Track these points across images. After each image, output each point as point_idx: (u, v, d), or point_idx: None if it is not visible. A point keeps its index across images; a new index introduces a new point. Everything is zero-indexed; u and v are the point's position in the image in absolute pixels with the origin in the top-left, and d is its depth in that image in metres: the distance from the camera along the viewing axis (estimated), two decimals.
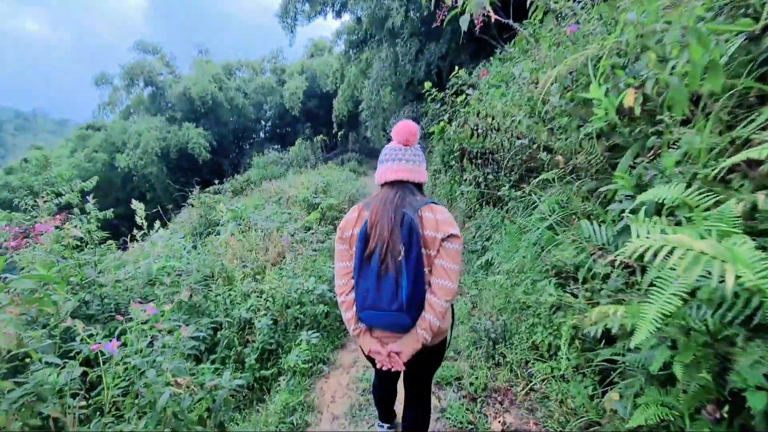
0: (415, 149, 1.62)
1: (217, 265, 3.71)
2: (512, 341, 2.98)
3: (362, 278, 1.47)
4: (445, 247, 1.44)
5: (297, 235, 5.41)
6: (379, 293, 1.42)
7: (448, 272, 1.43)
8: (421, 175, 1.59)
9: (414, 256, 1.40)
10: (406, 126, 1.60)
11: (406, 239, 1.41)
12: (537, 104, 2.98)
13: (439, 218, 1.46)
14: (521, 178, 4.20)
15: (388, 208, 1.48)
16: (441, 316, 1.44)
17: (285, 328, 3.20)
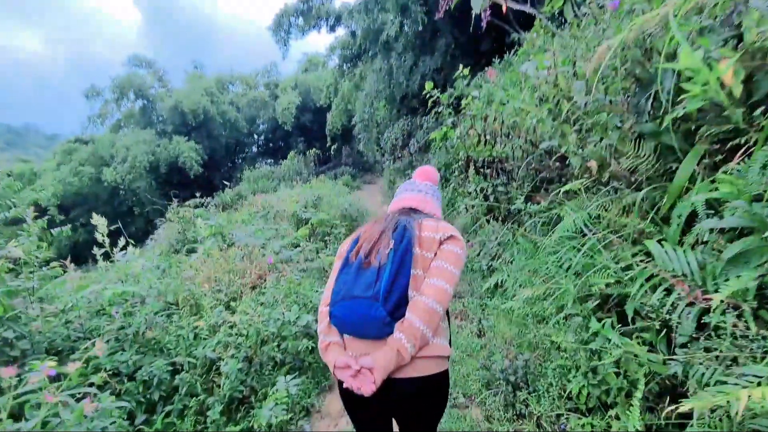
0: (431, 185, 1.62)
1: (184, 291, 3.16)
2: (536, 386, 2.45)
3: (343, 274, 1.34)
4: (443, 249, 1.30)
5: (283, 254, 4.87)
6: (356, 282, 1.26)
7: (443, 272, 1.26)
8: (433, 208, 1.55)
9: (402, 250, 1.27)
10: (426, 167, 1.68)
11: (398, 237, 1.31)
12: (561, 102, 2.52)
13: (441, 224, 1.37)
14: (535, 189, 3.74)
15: (385, 219, 1.46)
16: (427, 319, 1.19)
17: (260, 369, 2.64)
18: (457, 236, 1.32)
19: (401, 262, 1.24)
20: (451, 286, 1.23)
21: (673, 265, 1.37)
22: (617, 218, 2.12)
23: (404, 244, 1.27)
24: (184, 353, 2.60)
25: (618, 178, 2.22)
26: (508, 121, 3.42)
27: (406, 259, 1.24)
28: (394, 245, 1.27)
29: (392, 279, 1.20)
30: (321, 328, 1.36)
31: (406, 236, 1.29)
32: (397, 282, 1.21)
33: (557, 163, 3.39)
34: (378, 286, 1.20)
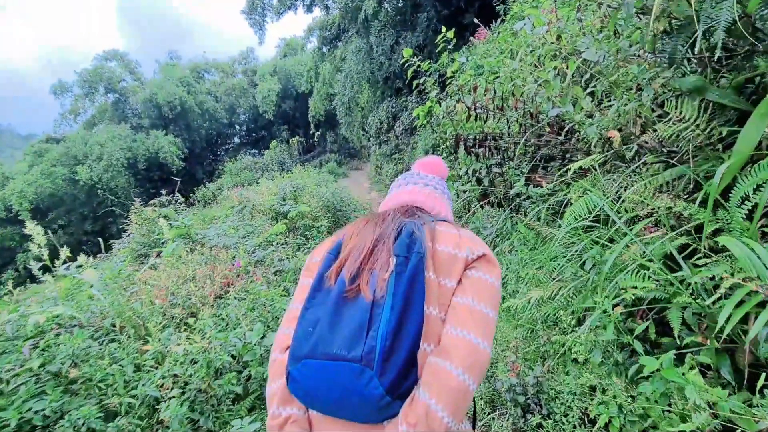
0: (440, 180, 1.18)
1: (128, 310, 2.66)
2: (552, 408, 2.03)
3: (312, 307, 0.80)
4: (471, 276, 0.81)
5: (257, 254, 4.37)
6: (334, 327, 0.73)
7: (475, 318, 0.75)
8: (444, 208, 1.10)
9: (410, 274, 0.74)
10: (431, 158, 1.24)
11: (402, 249, 0.79)
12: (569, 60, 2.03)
13: (463, 234, 0.88)
14: (534, 170, 3.27)
15: (379, 220, 0.92)
16: (453, 405, 0.67)
17: (217, 405, 2.18)
18: (490, 255, 0.84)
19: (409, 294, 0.73)
20: (488, 342, 0.74)
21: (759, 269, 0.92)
22: (649, 201, 1.66)
23: (413, 264, 0.76)
24: (123, 392, 2.12)
25: (648, 150, 1.75)
26: (502, 91, 2.92)
27: (416, 289, 0.74)
28: (396, 265, 0.76)
29: (396, 326, 0.70)
30: (272, 390, 0.82)
31: (415, 250, 0.78)
32: (403, 332, 0.70)
33: (559, 137, 2.92)
34: (372, 339, 0.69)
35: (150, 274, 3.43)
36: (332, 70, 16.31)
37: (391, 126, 12.33)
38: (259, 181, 13.28)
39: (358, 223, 0.94)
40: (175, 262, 3.71)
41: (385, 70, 11.83)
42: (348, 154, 22.69)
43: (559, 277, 2.27)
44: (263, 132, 27.71)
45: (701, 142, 1.44)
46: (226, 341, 2.26)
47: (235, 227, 5.59)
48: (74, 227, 21.77)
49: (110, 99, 23.82)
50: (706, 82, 1.50)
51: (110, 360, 2.23)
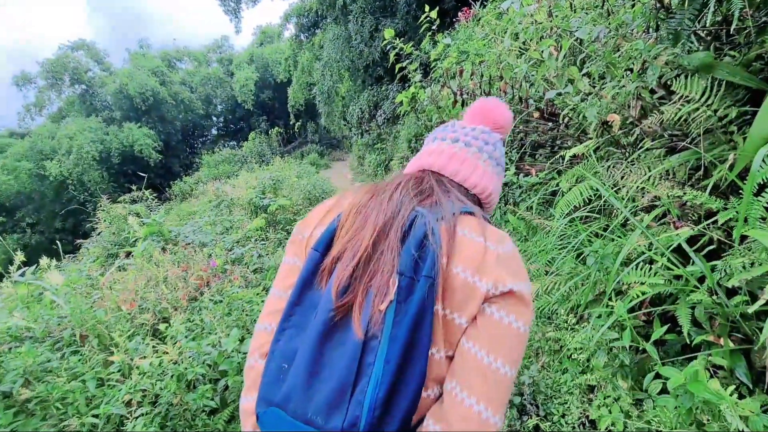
0: (488, 132, 0.80)
1: (90, 319, 2.44)
2: (549, 409, 1.93)
3: (290, 328, 0.61)
4: (490, 316, 0.57)
5: (235, 251, 4.15)
6: (313, 376, 0.54)
7: (488, 380, 0.55)
8: (475, 173, 0.75)
9: (414, 312, 0.54)
10: (488, 101, 0.83)
11: (408, 264, 0.57)
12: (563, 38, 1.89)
13: (493, 248, 0.61)
14: (522, 158, 3.15)
15: (389, 198, 0.67)
16: None
17: (191, 419, 2.00)
18: (522, 291, 0.59)
19: (411, 343, 0.54)
20: (500, 413, 0.55)
21: None
22: (652, 188, 1.55)
23: (421, 295, 0.55)
24: (85, 411, 1.92)
25: (648, 134, 1.64)
26: (489, 75, 2.77)
27: (420, 336, 0.55)
28: (398, 291, 0.56)
29: (388, 391, 0.52)
30: (246, 407, 0.67)
31: (424, 273, 0.56)
32: (398, 397, 0.53)
33: (549, 124, 2.80)
34: (356, 406, 0.52)
35: (117, 277, 3.18)
36: (311, 58, 15.87)
37: (373, 115, 12.09)
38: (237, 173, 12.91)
39: (360, 194, 0.71)
40: (146, 263, 3.46)
41: (365, 58, 11.54)
42: (330, 144, 22.32)
43: (554, 270, 2.17)
44: (242, 123, 26.98)
45: (712, 125, 1.33)
46: (199, 351, 2.08)
47: (212, 223, 5.34)
48: (44, 225, 20.88)
49: (77, 91, 22.70)
50: (715, 59, 1.38)
51: (69, 375, 2.02)
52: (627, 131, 1.72)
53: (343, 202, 0.74)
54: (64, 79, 21.70)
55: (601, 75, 1.93)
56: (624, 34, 1.66)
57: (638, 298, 1.41)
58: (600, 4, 2.14)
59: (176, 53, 25.34)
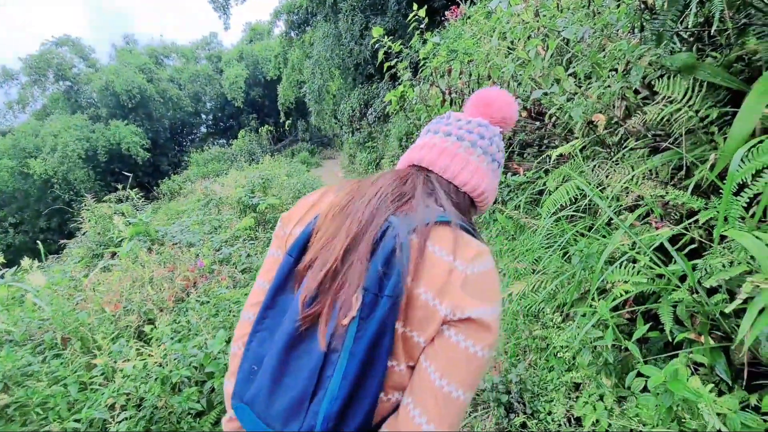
0: (485, 125, 0.76)
1: (73, 321, 2.39)
2: (535, 407, 1.95)
3: (262, 331, 0.65)
4: (447, 339, 0.57)
5: (223, 251, 4.11)
6: (277, 384, 0.57)
7: (438, 402, 0.56)
8: (467, 169, 0.72)
9: (378, 323, 0.54)
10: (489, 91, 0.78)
11: (374, 280, 0.57)
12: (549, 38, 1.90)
13: (460, 269, 0.58)
14: (510, 157, 3.17)
15: (366, 203, 0.65)
16: None
17: (177, 423, 1.97)
18: (484, 319, 0.57)
19: (374, 348, 0.55)
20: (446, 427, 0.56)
21: None
22: (635, 188, 1.56)
23: (382, 314, 0.56)
24: (66, 416, 1.88)
25: (632, 134, 1.65)
26: (477, 74, 2.78)
27: (381, 345, 0.56)
28: (362, 308, 0.56)
29: (342, 406, 0.54)
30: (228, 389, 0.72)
31: (386, 293, 0.56)
32: (352, 411, 0.55)
33: (536, 123, 2.81)
34: (312, 416, 0.54)
35: (102, 278, 3.13)
36: (301, 56, 15.75)
37: (364, 114, 12.06)
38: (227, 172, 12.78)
39: (341, 194, 0.70)
40: (131, 263, 3.41)
41: (356, 56, 11.49)
42: (320, 142, 22.22)
43: (540, 269, 2.18)
44: (231, 121, 26.71)
45: (694, 125, 1.34)
46: (184, 353, 2.05)
47: (200, 222, 5.28)
48: (28, 225, 20.45)
49: (62, 87, 22.24)
50: (697, 60, 1.40)
51: (50, 380, 1.98)
52: (612, 131, 1.74)
53: (325, 199, 0.73)
54: (47, 75, 21.26)
55: (587, 75, 1.94)
56: (609, 35, 1.67)
57: (622, 296, 1.43)
58: (587, 5, 2.15)
59: (163, 50, 24.96)
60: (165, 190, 16.34)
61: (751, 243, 0.86)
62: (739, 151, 1.06)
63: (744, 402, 1.16)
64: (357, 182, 0.73)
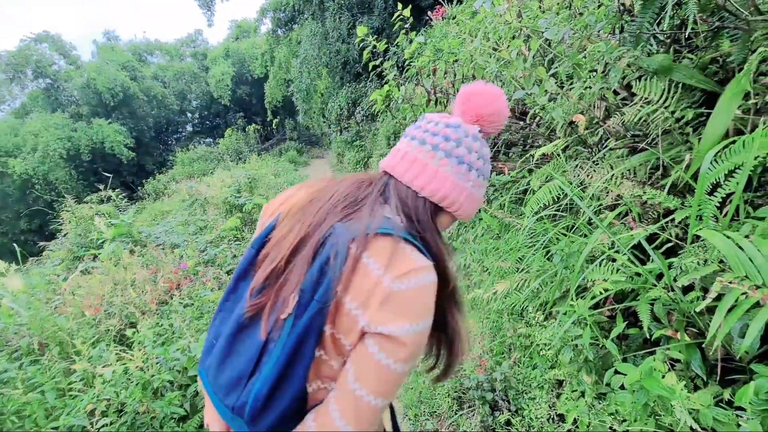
0: (455, 129, 0.73)
1: (51, 325, 2.33)
2: (519, 404, 1.97)
3: (222, 311, 0.73)
4: (365, 346, 0.62)
5: (208, 252, 4.05)
6: (226, 360, 0.66)
7: (351, 401, 0.61)
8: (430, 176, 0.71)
9: (305, 324, 0.60)
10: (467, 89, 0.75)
11: (308, 286, 0.62)
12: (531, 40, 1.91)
13: (386, 284, 0.61)
14: (495, 156, 3.19)
15: (318, 209, 0.70)
16: None
17: (159, 428, 1.94)
18: (394, 334, 0.60)
19: (299, 346, 0.61)
20: (359, 427, 0.61)
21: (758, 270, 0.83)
22: (614, 188, 1.59)
23: (312, 313, 0.61)
24: (44, 423, 1.83)
25: (612, 135, 1.68)
26: (462, 74, 2.79)
27: (307, 341, 0.61)
28: (297, 307, 0.61)
29: (275, 382, 0.60)
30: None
31: (316, 297, 0.61)
32: (284, 387, 0.61)
33: (521, 123, 2.84)
34: (246, 394, 0.61)
35: (81, 281, 3.06)
36: (288, 54, 15.61)
37: (352, 112, 12.02)
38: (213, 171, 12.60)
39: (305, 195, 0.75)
40: (113, 265, 3.34)
41: (343, 55, 11.45)
42: (309, 141, 22.07)
43: (524, 267, 2.20)
44: (218, 119, 26.35)
45: (670, 126, 1.37)
46: (166, 357, 2.01)
47: (185, 223, 5.20)
48: (7, 227, 19.90)
49: (42, 85, 21.65)
50: (673, 62, 1.43)
51: (27, 387, 1.93)
52: (592, 131, 1.76)
53: (298, 194, 0.78)
54: (26, 72, 20.67)
55: (568, 75, 1.96)
56: (589, 36, 1.69)
57: (601, 295, 1.45)
58: (568, 6, 2.18)
59: (147, 47, 24.49)
60: (150, 190, 16.07)
61: (722, 242, 0.88)
62: (709, 152, 1.08)
63: (718, 396, 1.19)
64: (326, 182, 0.76)
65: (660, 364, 1.28)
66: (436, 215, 0.73)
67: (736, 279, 0.84)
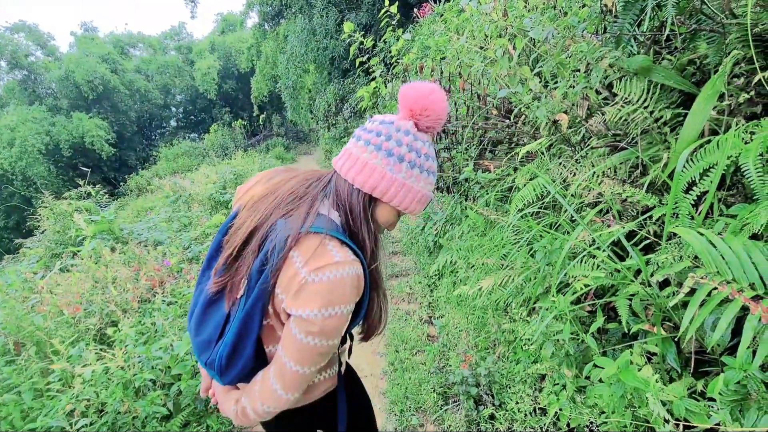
0: (387, 125, 0.80)
1: (28, 324, 2.26)
2: (503, 399, 2.00)
3: (200, 284, 0.90)
4: (288, 325, 0.77)
5: (192, 249, 3.99)
6: (200, 326, 0.84)
7: (280, 369, 0.78)
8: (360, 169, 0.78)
9: (251, 304, 0.76)
10: (401, 89, 0.81)
11: (254, 274, 0.76)
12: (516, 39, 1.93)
13: (304, 276, 0.72)
14: (481, 154, 3.22)
15: (271, 201, 0.82)
16: (256, 415, 0.84)
17: (141, 428, 1.91)
18: (303, 316, 0.72)
19: (247, 321, 0.77)
20: (291, 391, 0.79)
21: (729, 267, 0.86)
22: (595, 186, 1.62)
23: (255, 295, 0.75)
24: (20, 425, 1.78)
25: (594, 134, 1.71)
26: (449, 72, 2.80)
27: (253, 317, 0.77)
28: (247, 288, 0.77)
29: (233, 348, 0.78)
30: None
31: (261, 281, 0.75)
32: (240, 351, 0.79)
33: (506, 121, 2.86)
34: (215, 353, 0.80)
35: (60, 279, 2.98)
36: (275, 48, 15.39)
37: (340, 109, 11.96)
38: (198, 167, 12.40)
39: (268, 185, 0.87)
40: (93, 263, 3.26)
41: (331, 51, 11.36)
42: (296, 137, 21.89)
43: (508, 264, 2.23)
44: (203, 114, 25.90)
45: (649, 126, 1.40)
46: (148, 355, 1.98)
47: (168, 220, 5.11)
48: None
49: (18, 76, 20.93)
50: (653, 63, 1.46)
51: (2, 388, 1.87)
52: (575, 130, 1.79)
53: (260, 184, 0.89)
54: (0, 63, 19.95)
55: (553, 75, 1.99)
56: (572, 36, 1.72)
57: (582, 290, 1.48)
58: (553, 5, 2.20)
59: (129, 39, 23.87)
60: (132, 186, 15.74)
61: (695, 239, 0.91)
62: (684, 152, 1.11)
63: (691, 388, 1.23)
64: (281, 177, 0.88)
65: (637, 358, 1.32)
66: (371, 207, 0.82)
67: (708, 275, 0.87)
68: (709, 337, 1.12)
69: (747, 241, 0.88)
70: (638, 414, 1.05)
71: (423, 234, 4.03)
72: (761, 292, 0.82)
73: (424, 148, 0.81)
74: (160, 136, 25.79)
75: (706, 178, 1.18)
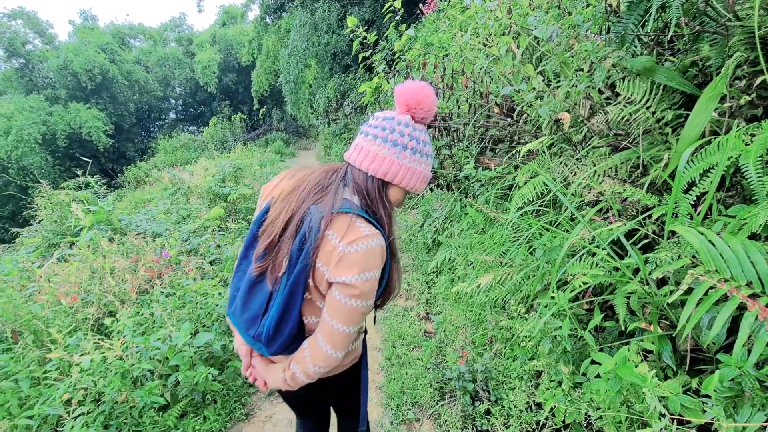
0: (388, 120, 0.95)
1: (25, 313, 2.26)
2: (499, 394, 2.02)
3: (239, 272, 1.04)
4: (331, 293, 0.90)
5: (191, 242, 3.99)
6: (245, 305, 0.97)
7: (328, 332, 0.92)
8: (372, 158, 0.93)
9: (294, 279, 0.90)
10: (397, 89, 0.95)
11: (294, 253, 0.90)
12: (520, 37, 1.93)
13: (342, 249, 0.87)
14: (482, 152, 3.22)
15: (301, 193, 0.95)
16: (306, 377, 0.96)
17: (138, 417, 1.92)
18: (345, 281, 0.86)
19: (291, 295, 0.90)
20: (340, 351, 0.92)
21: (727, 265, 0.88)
22: (596, 185, 1.63)
23: (296, 273, 0.88)
24: (17, 412, 1.79)
25: (596, 133, 1.71)
26: (452, 68, 2.80)
27: (296, 291, 0.90)
28: (288, 266, 0.90)
29: (279, 319, 0.91)
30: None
31: (302, 258, 0.88)
32: (281, 329, 0.92)
33: (508, 119, 2.87)
34: (261, 327, 0.93)
35: (57, 269, 2.97)
36: (276, 42, 15.30)
37: (340, 104, 11.93)
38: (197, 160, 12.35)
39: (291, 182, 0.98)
40: (91, 254, 3.26)
41: (333, 46, 11.31)
42: (296, 132, 21.82)
43: (507, 261, 2.24)
44: (202, 107, 25.76)
45: (650, 126, 1.41)
46: (147, 346, 1.98)
47: (167, 212, 5.09)
48: None
49: (15, 65, 20.74)
50: (656, 64, 1.46)
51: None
52: (577, 129, 1.80)
53: (283, 183, 1.01)
54: None
55: (556, 73, 1.99)
56: (577, 35, 1.72)
57: (580, 288, 1.49)
58: (557, 4, 2.20)
59: (129, 30, 23.68)
60: (130, 177, 15.65)
61: (695, 238, 0.92)
62: (685, 152, 1.12)
63: (686, 385, 1.24)
64: (303, 172, 1.00)
65: (634, 355, 1.34)
66: (385, 189, 0.95)
67: (706, 272, 0.88)
68: (705, 335, 1.13)
69: (745, 240, 0.90)
70: (634, 410, 1.07)
71: (422, 231, 4.04)
72: (758, 291, 0.83)
73: (422, 135, 0.96)
74: (159, 128, 25.67)
75: (705, 179, 1.19)
